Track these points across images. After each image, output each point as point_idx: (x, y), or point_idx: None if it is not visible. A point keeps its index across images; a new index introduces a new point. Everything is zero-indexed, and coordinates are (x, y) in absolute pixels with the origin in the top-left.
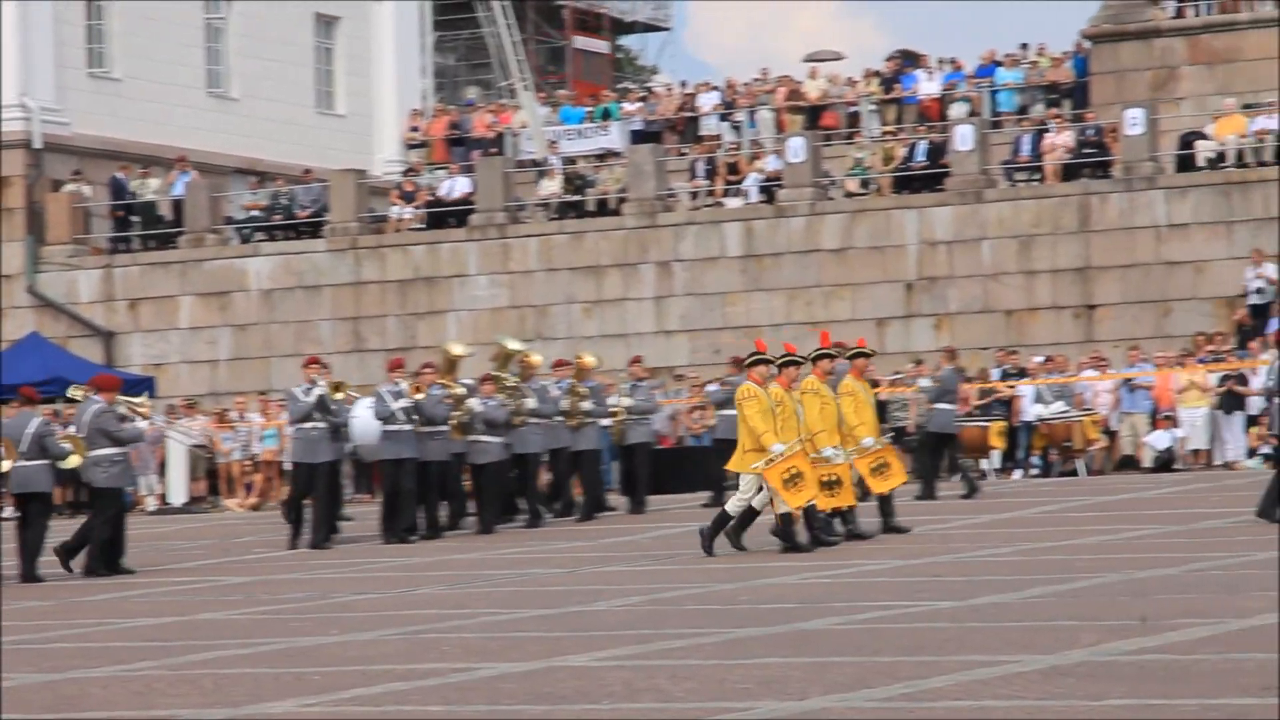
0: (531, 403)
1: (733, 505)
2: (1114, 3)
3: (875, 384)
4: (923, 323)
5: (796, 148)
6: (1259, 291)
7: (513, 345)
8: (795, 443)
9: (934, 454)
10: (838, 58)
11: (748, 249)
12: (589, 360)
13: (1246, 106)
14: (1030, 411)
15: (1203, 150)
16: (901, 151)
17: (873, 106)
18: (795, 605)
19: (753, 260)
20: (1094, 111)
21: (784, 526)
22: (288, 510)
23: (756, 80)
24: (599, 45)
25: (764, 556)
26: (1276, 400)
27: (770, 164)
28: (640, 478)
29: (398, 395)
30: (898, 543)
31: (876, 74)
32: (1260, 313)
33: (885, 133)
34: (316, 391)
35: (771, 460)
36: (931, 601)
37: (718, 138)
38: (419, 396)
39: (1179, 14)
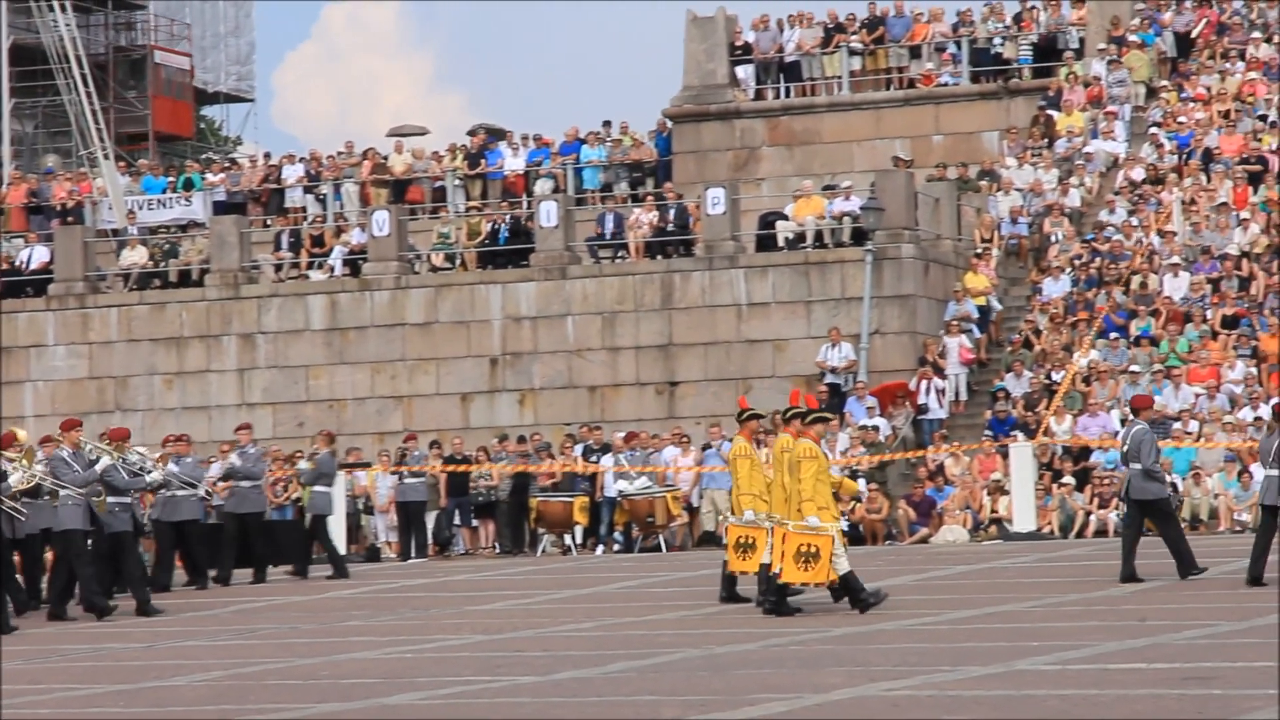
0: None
1: (841, 566)
2: (695, 84)
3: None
4: (507, 398)
5: (381, 221)
6: (835, 371)
7: None
8: (779, 518)
9: (313, 536)
10: (423, 132)
11: (332, 322)
12: (20, 435)
13: (826, 188)
14: (613, 487)
15: (782, 230)
16: (486, 226)
17: (458, 181)
18: (377, 680)
19: (337, 333)
20: (676, 190)
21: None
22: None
23: (341, 153)
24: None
25: (346, 630)
26: (1128, 467)
27: (355, 237)
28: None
29: None
30: (479, 618)
31: (462, 149)
32: (837, 392)
33: (470, 208)
34: (105, 460)
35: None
36: (513, 677)
37: (302, 210)
38: None
39: (759, 95)
